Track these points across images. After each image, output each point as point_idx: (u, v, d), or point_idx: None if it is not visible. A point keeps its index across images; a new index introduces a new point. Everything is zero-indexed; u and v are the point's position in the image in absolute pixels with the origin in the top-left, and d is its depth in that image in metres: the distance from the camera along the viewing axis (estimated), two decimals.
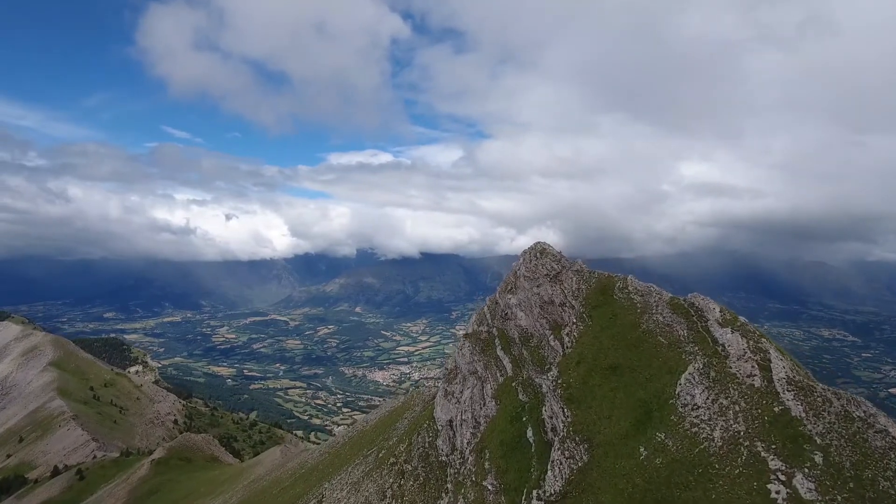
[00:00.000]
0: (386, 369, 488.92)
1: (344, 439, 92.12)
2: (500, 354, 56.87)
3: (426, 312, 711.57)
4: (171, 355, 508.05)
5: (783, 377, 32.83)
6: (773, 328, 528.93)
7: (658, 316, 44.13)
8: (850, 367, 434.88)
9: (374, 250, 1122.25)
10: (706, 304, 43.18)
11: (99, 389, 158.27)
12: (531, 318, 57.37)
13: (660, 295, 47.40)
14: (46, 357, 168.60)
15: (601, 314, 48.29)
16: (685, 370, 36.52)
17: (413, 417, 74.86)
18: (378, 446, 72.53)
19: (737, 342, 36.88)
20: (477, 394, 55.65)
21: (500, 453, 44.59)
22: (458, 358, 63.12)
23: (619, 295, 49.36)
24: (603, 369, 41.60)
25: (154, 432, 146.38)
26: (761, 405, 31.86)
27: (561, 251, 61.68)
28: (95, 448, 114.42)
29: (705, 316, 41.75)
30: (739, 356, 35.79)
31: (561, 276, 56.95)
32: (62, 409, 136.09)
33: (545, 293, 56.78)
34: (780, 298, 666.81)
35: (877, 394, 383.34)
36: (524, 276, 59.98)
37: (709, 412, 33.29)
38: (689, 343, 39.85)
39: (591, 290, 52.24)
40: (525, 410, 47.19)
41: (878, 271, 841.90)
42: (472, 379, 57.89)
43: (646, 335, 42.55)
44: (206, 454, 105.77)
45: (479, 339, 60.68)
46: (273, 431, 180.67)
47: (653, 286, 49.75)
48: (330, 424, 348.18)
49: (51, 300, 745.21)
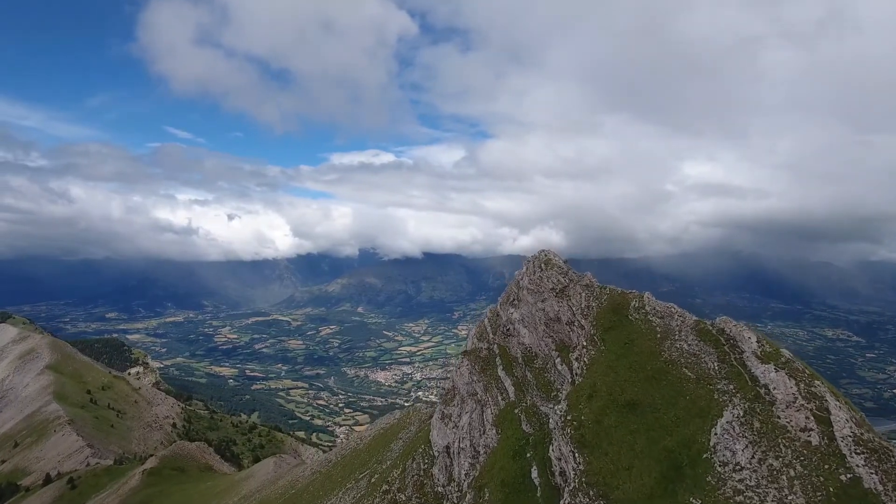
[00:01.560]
0: (388, 370, 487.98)
1: (337, 457, 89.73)
2: (501, 375, 53.04)
3: (428, 313, 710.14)
4: (174, 356, 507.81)
5: (848, 434, 27.16)
6: (776, 328, 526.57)
7: (682, 343, 38.87)
8: (854, 367, 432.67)
9: (376, 250, 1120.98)
10: (739, 332, 37.20)
11: (96, 393, 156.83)
12: (535, 336, 53.57)
13: (682, 318, 41.91)
14: (43, 360, 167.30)
15: (615, 338, 43.48)
16: (720, 415, 31.33)
17: (408, 439, 71.68)
18: (371, 469, 69.81)
19: (784, 384, 30.96)
20: (476, 419, 52.01)
21: (501, 496, 40.89)
22: (455, 377, 59.55)
23: (634, 316, 44.29)
24: (620, 406, 36.54)
25: (152, 436, 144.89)
26: (823, 471, 26.19)
27: (567, 261, 57.59)
28: (90, 455, 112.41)
29: (739, 346, 35.97)
30: (789, 403, 30.00)
31: (568, 290, 52.48)
32: (58, 413, 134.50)
33: (551, 309, 52.78)
34: (784, 298, 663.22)
35: (881, 394, 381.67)
36: (528, 289, 56.16)
37: (756, 476, 27.69)
38: (722, 379, 34.30)
39: (603, 309, 47.47)
40: (529, 445, 43.39)
41: (882, 271, 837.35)
42: (471, 402, 54.31)
43: (669, 366, 37.25)
44: (199, 463, 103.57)
45: (478, 357, 57.06)
46: (273, 435, 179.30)
47: (673, 306, 44.49)
48: (332, 425, 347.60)
49: (54, 300, 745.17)
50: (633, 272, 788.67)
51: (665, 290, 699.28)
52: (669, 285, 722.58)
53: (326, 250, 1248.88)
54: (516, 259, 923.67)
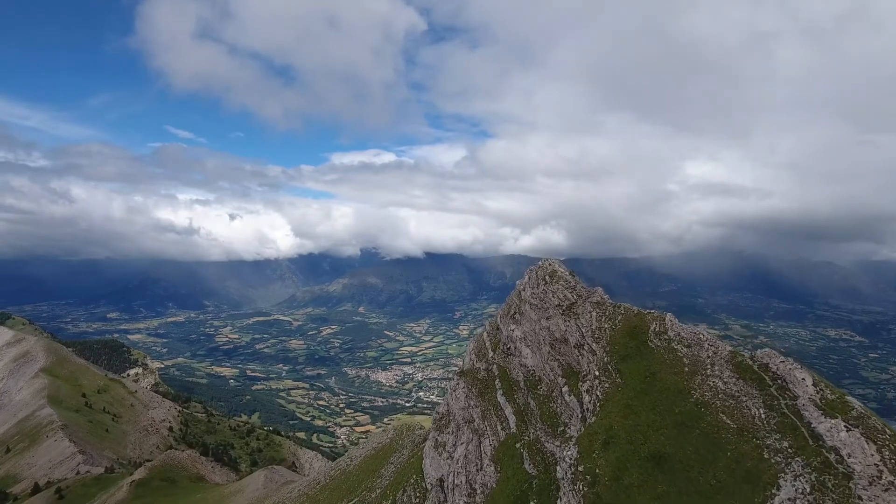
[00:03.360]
0: (389, 370, 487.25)
1: (325, 479, 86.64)
2: (501, 401, 47.96)
3: (429, 312, 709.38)
4: (175, 356, 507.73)
5: None
6: (778, 328, 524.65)
7: (716, 381, 32.42)
8: (857, 367, 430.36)
9: (377, 250, 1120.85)
10: (789, 371, 30.34)
11: (92, 396, 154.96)
12: (539, 358, 47.98)
13: (714, 347, 35.17)
14: (38, 363, 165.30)
15: (634, 370, 37.15)
16: (775, 484, 24.86)
17: (400, 464, 67.54)
18: (360, 498, 66.25)
19: (861, 451, 23.94)
20: (473, 451, 46.95)
21: None
22: (450, 400, 53.84)
23: (655, 342, 38.03)
24: (643, 459, 30.46)
25: (148, 440, 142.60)
26: None
27: (575, 274, 51.40)
28: (81, 461, 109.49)
29: (790, 389, 29.40)
30: (872, 478, 22.94)
31: (576, 308, 46.53)
32: (51, 418, 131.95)
33: (556, 329, 47.09)
34: (786, 298, 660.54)
35: (884, 395, 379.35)
36: (530, 304, 50.73)
37: None
38: (772, 433, 27.78)
39: (617, 332, 41.23)
40: (533, 490, 38.08)
41: (885, 271, 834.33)
42: (468, 431, 49.23)
43: (701, 410, 31.06)
44: (191, 473, 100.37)
45: (476, 379, 51.61)
46: (271, 438, 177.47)
47: (701, 332, 37.68)
48: (332, 426, 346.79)
49: (55, 300, 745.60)
50: (635, 272, 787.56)
51: (667, 290, 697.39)
52: (671, 285, 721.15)
53: (327, 250, 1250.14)
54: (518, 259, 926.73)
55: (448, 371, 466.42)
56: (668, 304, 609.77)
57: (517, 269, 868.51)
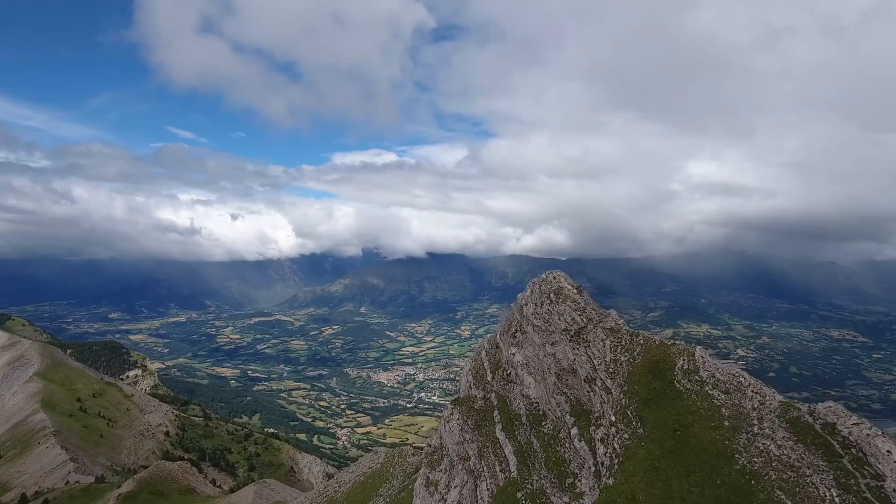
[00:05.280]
0: (390, 370, 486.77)
1: None
2: (500, 437, 42.64)
3: (431, 313, 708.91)
4: (176, 356, 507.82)
5: None
6: (781, 328, 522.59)
7: (768, 443, 25.21)
8: (860, 368, 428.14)
9: (379, 250, 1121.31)
10: (867, 440, 23.10)
11: (87, 401, 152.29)
12: (543, 389, 42.17)
13: (761, 396, 27.93)
14: (33, 367, 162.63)
15: (660, 419, 29.96)
16: None
17: (390, 497, 62.47)
18: None
19: None
20: (468, 496, 41.80)
21: None
22: (443, 432, 48.12)
23: (684, 383, 31.04)
24: None
25: (143, 445, 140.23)
26: None
27: (584, 290, 45.53)
28: (72, 469, 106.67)
29: (871, 464, 22.35)
30: None
31: (586, 334, 40.55)
32: (44, 423, 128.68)
33: (563, 357, 41.31)
34: (789, 298, 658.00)
35: (888, 396, 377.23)
36: (533, 325, 44.89)
37: None
38: None
39: (637, 368, 34.50)
40: None
41: (888, 271, 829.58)
42: (462, 471, 43.63)
43: (752, 483, 23.90)
44: (181, 485, 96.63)
45: (472, 409, 46.16)
46: (269, 442, 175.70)
47: (742, 374, 30.34)
48: (333, 427, 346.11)
49: (57, 300, 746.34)
50: (637, 272, 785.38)
51: (669, 290, 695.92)
52: (674, 285, 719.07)
53: (329, 250, 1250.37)
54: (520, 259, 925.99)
55: (450, 371, 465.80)
56: (670, 303, 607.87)
57: (519, 269, 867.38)
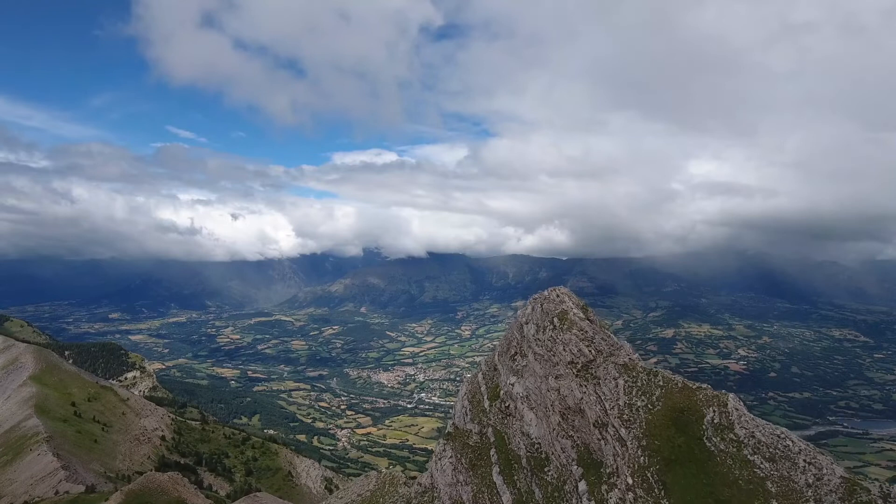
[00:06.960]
0: (391, 371, 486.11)
1: None
2: (497, 481, 37.92)
3: (431, 313, 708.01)
4: (176, 356, 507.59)
5: None
6: (782, 328, 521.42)
7: None
8: (862, 368, 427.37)
9: (380, 250, 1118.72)
10: None
11: (82, 405, 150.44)
12: (546, 428, 36.95)
13: (816, 468, 22.58)
14: (27, 370, 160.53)
15: (688, 489, 24.84)
16: None
17: None
18: None
19: None
20: None
21: None
22: (434, 471, 43.12)
23: (715, 442, 25.94)
24: None
25: (139, 451, 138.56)
26: None
27: (593, 312, 40.32)
28: (63, 478, 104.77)
29: None
30: None
31: (595, 368, 35.12)
32: (37, 429, 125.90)
33: (569, 394, 35.89)
34: (790, 298, 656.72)
35: (890, 396, 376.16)
36: (535, 351, 39.63)
37: None
38: None
39: (657, 417, 28.97)
40: None
41: (890, 271, 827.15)
42: None
43: None
44: (171, 497, 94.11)
45: (467, 445, 40.97)
46: (267, 447, 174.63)
47: (788, 433, 25.51)
48: (333, 428, 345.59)
49: (58, 300, 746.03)
50: (639, 271, 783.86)
51: (671, 290, 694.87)
52: (675, 284, 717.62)
53: (330, 250, 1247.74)
54: (521, 258, 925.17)
55: (450, 372, 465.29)
56: (671, 303, 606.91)
57: (520, 269, 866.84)
